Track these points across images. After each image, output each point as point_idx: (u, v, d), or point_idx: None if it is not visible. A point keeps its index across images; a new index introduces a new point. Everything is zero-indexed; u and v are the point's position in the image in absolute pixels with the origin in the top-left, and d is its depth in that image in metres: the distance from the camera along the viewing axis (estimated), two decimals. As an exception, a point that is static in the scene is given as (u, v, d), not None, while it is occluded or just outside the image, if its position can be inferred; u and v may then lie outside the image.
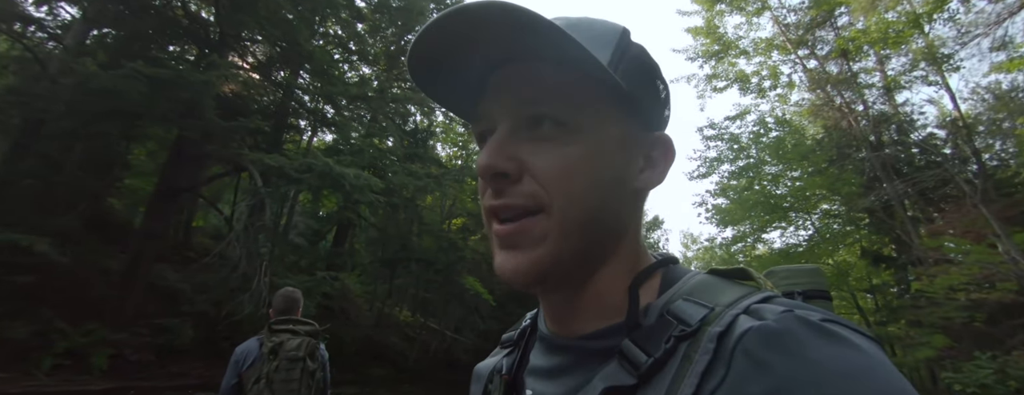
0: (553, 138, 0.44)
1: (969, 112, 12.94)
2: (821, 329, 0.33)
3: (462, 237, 17.72)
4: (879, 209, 12.38)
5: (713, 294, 0.41)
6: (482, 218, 0.48)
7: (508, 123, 0.45)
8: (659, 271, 0.48)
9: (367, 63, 17.07)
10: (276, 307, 2.82)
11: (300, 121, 15.84)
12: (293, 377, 2.53)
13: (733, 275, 0.45)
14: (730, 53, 15.19)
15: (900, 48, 12.74)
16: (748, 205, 14.85)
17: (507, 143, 0.44)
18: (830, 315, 0.36)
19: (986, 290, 8.36)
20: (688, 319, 0.39)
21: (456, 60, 0.46)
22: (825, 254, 15.02)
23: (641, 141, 0.49)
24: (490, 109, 0.47)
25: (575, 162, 0.43)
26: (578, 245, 0.44)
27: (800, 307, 0.37)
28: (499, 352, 0.62)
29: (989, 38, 10.08)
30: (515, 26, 0.39)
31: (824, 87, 13.55)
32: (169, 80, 9.11)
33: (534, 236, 0.43)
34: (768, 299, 0.40)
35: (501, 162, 0.43)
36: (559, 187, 0.43)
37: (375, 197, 12.29)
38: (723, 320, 0.37)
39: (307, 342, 2.64)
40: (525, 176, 0.44)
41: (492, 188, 0.45)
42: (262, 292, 9.67)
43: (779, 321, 0.35)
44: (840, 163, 13.39)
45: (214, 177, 12.82)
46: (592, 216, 0.44)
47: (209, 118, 10.02)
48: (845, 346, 0.32)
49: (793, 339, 0.33)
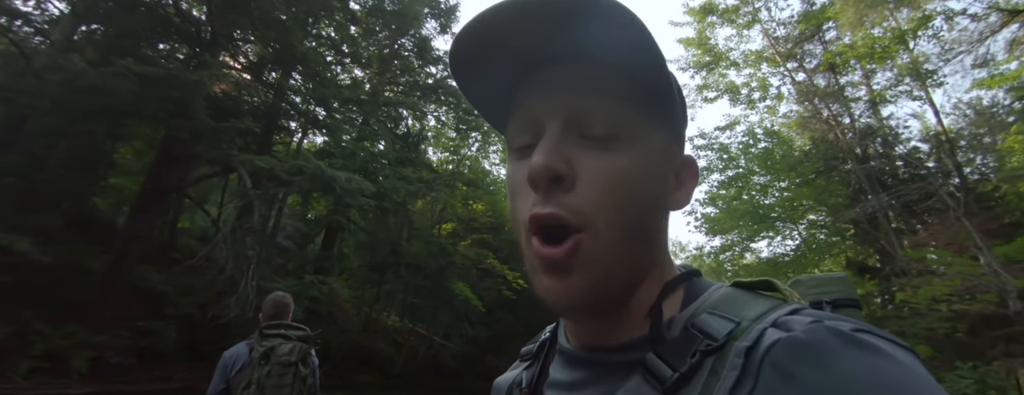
0: (606, 146, 0.42)
1: (951, 127, 13.28)
2: (853, 339, 0.32)
3: (452, 242, 17.65)
4: (864, 220, 12.59)
5: (739, 307, 0.40)
6: (515, 229, 0.45)
7: (558, 122, 0.42)
8: (682, 284, 0.47)
9: (360, 66, 17.02)
10: (266, 312, 2.76)
11: (291, 123, 15.71)
12: (285, 383, 2.48)
13: (758, 287, 0.44)
14: (721, 64, 15.42)
15: (886, 63, 13.06)
16: (737, 214, 15.02)
17: (562, 144, 0.41)
18: (862, 325, 0.34)
19: (967, 301, 8.51)
20: (714, 333, 0.37)
21: (510, 49, 0.43)
22: (811, 264, 15.21)
23: (675, 158, 0.48)
24: (532, 107, 0.44)
25: (626, 174, 0.42)
26: (625, 264, 0.42)
27: (830, 317, 0.35)
28: (518, 365, 0.60)
29: (971, 55, 10.37)
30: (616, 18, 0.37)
31: (812, 99, 13.80)
32: (159, 79, 8.98)
33: (583, 259, 0.40)
34: (796, 311, 0.38)
35: (559, 164, 0.40)
36: (609, 199, 0.41)
37: (366, 201, 12.20)
38: (750, 334, 0.36)
39: (299, 347, 2.59)
40: (576, 184, 0.41)
41: (541, 192, 0.41)
42: (248, 295, 9.52)
43: (808, 332, 0.33)
44: (827, 175, 13.62)
45: (202, 178, 12.63)
46: (637, 232, 0.42)
47: (199, 118, 9.89)
48: (879, 357, 0.31)
49: (824, 350, 0.31)
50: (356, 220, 15.49)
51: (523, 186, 0.43)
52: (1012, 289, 7.64)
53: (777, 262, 15.47)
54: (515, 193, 0.45)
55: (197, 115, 9.84)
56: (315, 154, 13.87)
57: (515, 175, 0.45)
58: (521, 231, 0.44)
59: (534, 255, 0.41)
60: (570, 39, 0.41)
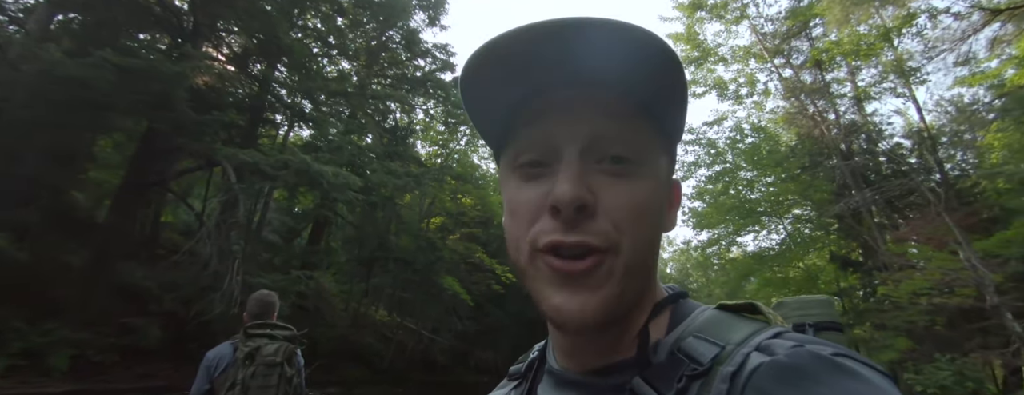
0: (625, 174, 0.42)
1: (933, 123, 13.50)
2: (833, 364, 0.33)
3: (441, 237, 17.60)
4: (848, 215, 12.78)
5: (723, 331, 0.41)
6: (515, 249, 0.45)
7: (578, 149, 0.42)
8: (669, 307, 0.47)
9: (347, 58, 16.79)
10: (250, 311, 2.69)
11: (276, 116, 15.46)
12: (270, 383, 2.44)
13: (742, 310, 0.45)
14: (709, 60, 15.48)
15: (870, 60, 13.21)
16: (724, 209, 15.17)
17: (584, 173, 0.41)
18: (842, 349, 0.35)
19: (947, 295, 8.69)
20: (700, 358, 0.38)
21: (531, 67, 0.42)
22: (796, 258, 15.45)
23: (670, 182, 0.49)
24: (549, 128, 0.43)
25: (643, 201, 0.43)
26: (637, 285, 0.43)
27: (811, 341, 0.36)
28: (506, 384, 0.60)
29: (954, 53, 10.51)
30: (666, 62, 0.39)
31: (798, 95, 13.93)
32: (139, 70, 8.77)
33: (601, 276, 0.41)
34: (779, 334, 0.39)
35: (585, 193, 0.40)
36: (630, 227, 0.41)
37: (353, 195, 12.09)
38: (735, 359, 0.36)
39: (285, 347, 2.55)
40: (599, 212, 0.41)
41: (564, 221, 0.40)
42: (234, 291, 9.39)
43: (790, 356, 0.34)
44: (812, 170, 13.79)
45: (185, 171, 12.40)
46: (645, 256, 0.43)
47: (181, 110, 9.69)
48: (857, 381, 0.32)
49: (804, 374, 0.32)
50: (343, 214, 15.35)
51: (533, 207, 0.43)
52: (990, 283, 7.81)
53: (763, 256, 15.68)
54: (521, 212, 0.44)
55: (179, 107, 9.63)
56: (301, 148, 13.70)
57: (521, 195, 0.44)
58: (525, 251, 0.43)
59: (548, 269, 0.41)
60: (593, 63, 0.40)
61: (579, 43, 0.39)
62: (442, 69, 17.96)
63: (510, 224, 0.46)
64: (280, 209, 17.05)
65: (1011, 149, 9.82)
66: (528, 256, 0.43)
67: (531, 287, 0.44)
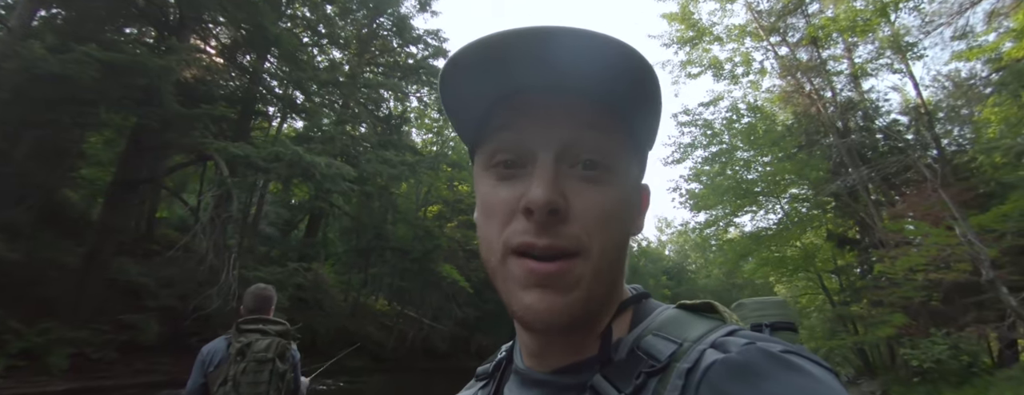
0: (597, 180, 0.43)
1: (930, 99, 13.39)
2: (780, 360, 0.35)
3: (438, 225, 17.61)
4: (845, 193, 12.76)
5: (681, 329, 0.42)
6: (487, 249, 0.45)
7: (551, 154, 0.43)
8: (631, 306, 0.49)
9: (338, 47, 16.58)
10: (246, 305, 2.67)
11: (268, 108, 15.32)
12: (261, 379, 2.43)
13: (700, 309, 0.47)
14: (704, 39, 15.28)
15: (867, 36, 13.03)
16: (721, 190, 15.13)
17: (558, 179, 0.42)
18: (791, 346, 0.37)
19: (943, 270, 8.70)
20: (657, 355, 0.40)
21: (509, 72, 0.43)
22: (793, 237, 15.47)
23: (639, 187, 0.50)
24: (524, 129, 0.44)
25: (612, 206, 0.44)
26: (604, 288, 0.44)
27: (762, 339, 0.38)
28: (474, 384, 0.61)
29: (951, 27, 10.38)
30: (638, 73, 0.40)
31: (794, 74, 13.78)
32: (125, 65, 8.65)
33: (571, 279, 0.42)
34: (733, 332, 0.41)
35: (558, 198, 0.41)
36: (600, 231, 0.42)
37: (348, 186, 12.04)
38: (690, 356, 0.38)
39: (277, 343, 2.53)
40: (570, 216, 0.42)
41: (537, 223, 0.41)
42: (231, 285, 9.41)
43: (742, 353, 0.36)
44: (809, 149, 13.72)
45: (177, 166, 12.32)
46: (614, 259, 0.44)
47: (169, 105, 9.58)
48: (802, 376, 0.34)
49: (754, 370, 0.34)
50: (340, 205, 15.32)
51: (507, 208, 0.44)
52: (985, 258, 7.82)
53: (760, 236, 15.71)
54: (494, 212, 0.45)
55: (167, 102, 9.52)
56: (294, 139, 13.59)
57: (495, 195, 0.45)
58: (498, 251, 0.44)
59: (520, 270, 0.42)
60: (573, 70, 0.41)
61: (561, 49, 0.40)
62: (435, 56, 17.75)
63: (483, 223, 0.47)
64: (276, 201, 17.01)
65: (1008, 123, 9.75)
66: (500, 256, 0.44)
67: (501, 287, 0.44)
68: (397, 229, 16.08)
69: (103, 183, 11.42)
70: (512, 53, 0.41)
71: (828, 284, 15.79)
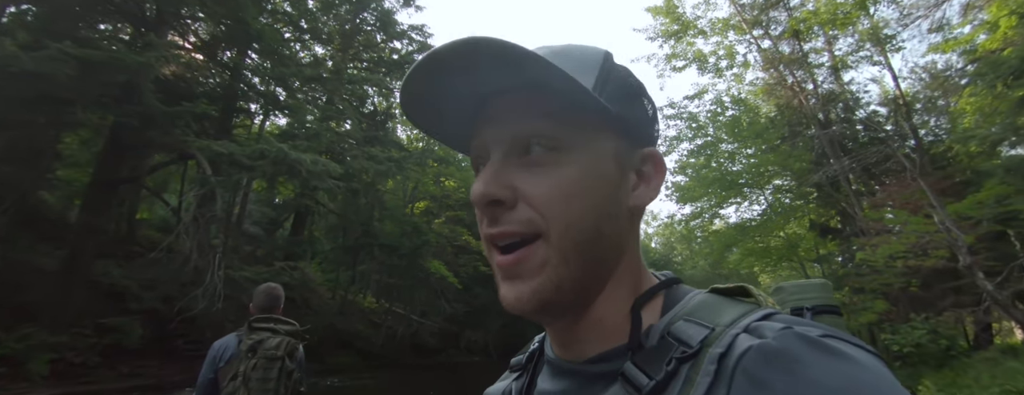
0: (545, 163, 0.44)
1: (908, 90, 13.68)
2: (820, 345, 0.33)
3: (426, 221, 17.54)
4: (827, 184, 13.00)
5: (713, 313, 0.41)
6: (484, 245, 0.48)
7: (500, 150, 0.45)
8: (661, 292, 0.48)
9: (320, 42, 16.33)
10: (257, 304, 2.72)
11: (251, 105, 15.05)
12: (271, 376, 2.47)
13: (733, 293, 0.46)
14: (689, 33, 15.39)
15: (847, 29, 13.26)
16: (706, 182, 15.32)
17: (501, 170, 0.44)
18: (830, 330, 0.36)
19: (921, 257, 8.92)
20: (689, 340, 0.39)
21: (447, 95, 0.46)
22: (777, 227, 15.74)
23: (633, 158, 0.49)
24: (482, 138, 0.47)
25: (569, 184, 0.43)
26: (578, 270, 0.43)
27: (800, 323, 0.37)
28: (508, 376, 0.61)
29: (928, 20, 10.60)
30: (501, 60, 0.40)
31: (777, 66, 13.96)
32: (101, 62, 8.41)
33: (534, 264, 0.43)
34: (768, 316, 0.39)
35: (495, 189, 0.43)
36: (555, 211, 0.43)
37: (334, 183, 11.91)
38: (723, 341, 0.37)
39: (287, 342, 2.58)
40: (520, 203, 0.43)
41: (487, 216, 0.44)
42: (216, 285, 9.27)
43: (778, 339, 0.34)
44: (791, 140, 13.94)
45: (158, 166, 12.07)
46: (589, 238, 0.44)
47: (149, 102, 9.36)
48: (846, 361, 0.32)
49: (792, 356, 0.32)
50: (325, 203, 15.16)
51: None
52: (962, 244, 8.04)
53: (745, 227, 15.95)
54: (478, 214, 0.47)
55: (146, 99, 9.31)
56: (278, 136, 13.38)
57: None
58: (486, 246, 0.47)
59: (496, 265, 0.45)
60: (499, 75, 0.43)
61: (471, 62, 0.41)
62: (420, 51, 17.58)
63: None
64: (260, 200, 16.77)
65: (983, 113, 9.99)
66: (488, 251, 0.47)
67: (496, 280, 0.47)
68: (384, 226, 15.97)
69: (81, 184, 11.14)
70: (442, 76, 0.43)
71: (811, 273, 16.13)
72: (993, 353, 8.70)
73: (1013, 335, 12.11)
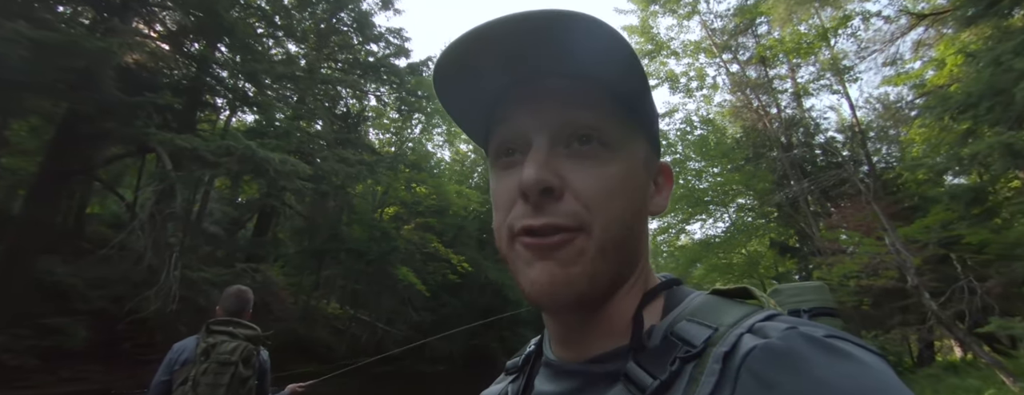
0: (594, 156, 0.44)
1: (863, 119, 14.51)
2: (826, 345, 0.33)
3: (395, 226, 17.25)
4: (787, 204, 13.58)
5: (716, 314, 0.41)
6: (498, 238, 0.46)
7: (546, 137, 0.44)
8: (663, 293, 0.48)
9: (295, 40, 15.95)
10: (225, 307, 2.61)
11: (217, 99, 14.51)
12: (221, 382, 2.36)
13: (735, 294, 0.46)
14: (662, 53, 15.90)
15: (809, 58, 14.00)
16: (674, 198, 15.65)
17: (551, 158, 0.43)
18: (834, 331, 0.36)
19: (873, 277, 9.40)
20: (692, 340, 0.39)
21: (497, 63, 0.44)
22: (739, 244, 16.29)
23: (654, 165, 0.51)
24: (518, 123, 0.45)
25: (615, 182, 0.44)
26: (611, 266, 0.43)
27: (804, 324, 0.37)
28: (504, 379, 0.60)
29: (883, 54, 11.31)
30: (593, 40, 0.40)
31: (744, 90, 14.57)
32: (58, 45, 7.94)
33: (573, 251, 0.42)
34: (771, 317, 0.39)
35: (550, 177, 0.42)
36: (601, 207, 0.42)
37: (302, 184, 11.59)
38: (727, 340, 0.37)
39: (244, 347, 2.47)
40: (567, 193, 0.42)
41: (532, 204, 0.42)
42: (171, 286, 8.81)
43: (783, 339, 0.34)
44: (755, 161, 14.52)
45: (114, 158, 11.43)
46: (624, 235, 0.44)
47: (108, 91, 8.89)
48: (851, 362, 0.32)
49: (798, 357, 0.33)
50: (292, 204, 14.71)
51: (508, 196, 0.45)
52: (910, 266, 8.52)
53: (709, 243, 16.43)
54: (499, 202, 0.46)
55: (105, 87, 8.84)
56: (245, 133, 12.93)
57: (502, 186, 0.46)
58: (505, 237, 0.45)
59: (523, 249, 0.43)
60: (555, 55, 0.42)
61: (562, 35, 0.40)
62: (396, 55, 17.42)
63: (494, 215, 0.47)
64: (222, 199, 16.11)
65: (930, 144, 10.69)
66: (507, 242, 0.45)
67: (513, 270, 0.45)
68: (353, 230, 15.62)
69: (27, 174, 10.42)
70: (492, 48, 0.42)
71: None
72: (935, 370, 9.22)
73: (953, 353, 12.86)
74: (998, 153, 6.29)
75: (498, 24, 0.40)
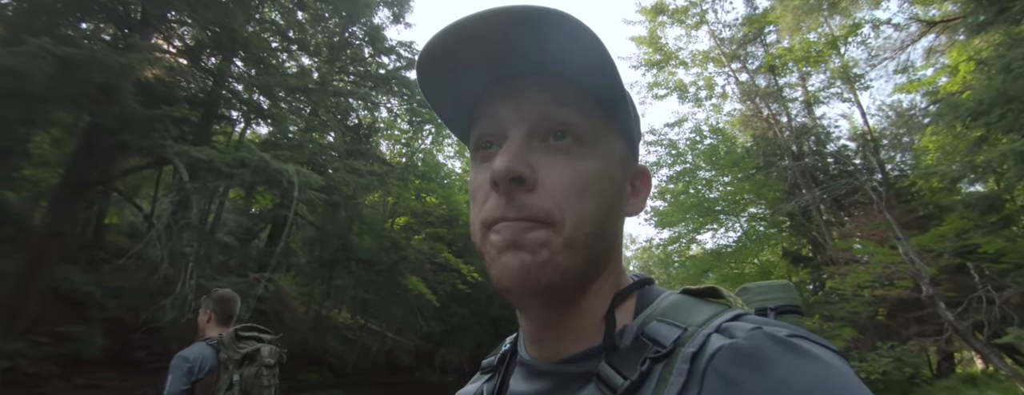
0: (568, 151, 0.44)
1: (876, 127, 14.38)
2: (788, 345, 0.34)
3: (405, 237, 17.35)
4: (799, 213, 13.43)
5: (686, 314, 0.42)
6: (473, 231, 0.46)
7: (522, 130, 0.45)
8: (635, 292, 0.49)
9: (308, 54, 16.27)
10: (225, 311, 2.62)
11: (232, 112, 14.82)
12: (268, 383, 2.45)
13: (705, 294, 0.47)
14: (670, 63, 15.94)
15: (819, 66, 13.96)
16: (684, 208, 15.64)
17: (525, 149, 0.44)
18: (798, 330, 0.37)
19: (887, 287, 9.24)
20: (662, 340, 0.39)
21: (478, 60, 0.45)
22: (751, 254, 16.10)
23: (632, 167, 0.52)
24: (497, 116, 0.46)
25: (588, 178, 0.44)
26: (580, 263, 0.43)
27: (769, 323, 0.38)
28: (479, 378, 0.61)
29: (894, 62, 11.25)
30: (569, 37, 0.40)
31: (753, 99, 14.53)
32: (81, 61, 8.21)
33: (541, 239, 0.42)
34: (738, 316, 0.40)
35: (521, 166, 0.42)
36: (572, 203, 0.43)
37: (314, 194, 11.74)
38: (696, 340, 0.38)
39: (278, 350, 2.58)
40: (539, 186, 0.43)
41: (503, 194, 0.43)
42: (187, 295, 8.93)
43: (748, 338, 0.35)
44: (766, 170, 14.40)
45: (131, 170, 11.71)
46: (594, 234, 0.44)
47: (127, 104, 9.15)
48: (811, 361, 0.33)
49: (762, 356, 0.34)
50: (304, 214, 14.89)
51: (483, 189, 0.45)
52: (925, 275, 8.37)
53: (720, 253, 16.26)
54: (476, 195, 0.47)
55: (125, 101, 9.09)
56: (259, 145, 13.17)
57: (477, 179, 0.47)
58: (478, 231, 0.45)
59: (496, 238, 0.43)
60: (535, 51, 0.43)
61: (543, 33, 0.41)
62: (407, 67, 17.67)
63: (471, 208, 0.48)
64: (236, 209, 16.37)
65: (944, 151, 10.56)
66: (481, 235, 0.45)
67: (486, 263, 0.45)
68: (363, 240, 15.73)
69: (48, 185, 10.71)
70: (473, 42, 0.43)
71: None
72: (954, 382, 9.00)
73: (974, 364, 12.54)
74: (1012, 160, 6.21)
75: (479, 19, 0.40)
